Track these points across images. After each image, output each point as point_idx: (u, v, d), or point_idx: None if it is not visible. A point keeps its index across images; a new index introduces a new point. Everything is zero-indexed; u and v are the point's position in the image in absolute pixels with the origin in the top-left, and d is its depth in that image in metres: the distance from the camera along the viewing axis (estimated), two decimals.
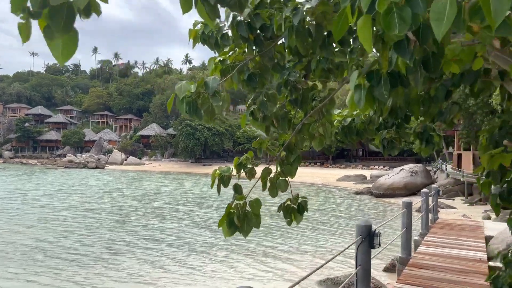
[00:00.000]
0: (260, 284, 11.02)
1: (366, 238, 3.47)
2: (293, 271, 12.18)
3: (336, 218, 23.20)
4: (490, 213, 22.99)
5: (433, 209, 9.04)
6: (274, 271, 12.17)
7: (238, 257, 13.75)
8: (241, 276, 11.74)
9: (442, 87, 2.48)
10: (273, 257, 13.85)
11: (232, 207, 2.46)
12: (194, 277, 11.66)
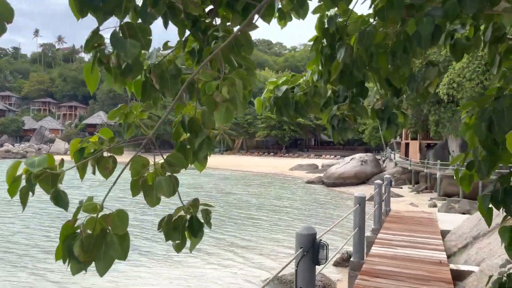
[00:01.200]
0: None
1: (309, 251, 2.57)
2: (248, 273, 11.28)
3: (290, 209, 22.65)
4: (436, 201, 23.50)
5: (386, 200, 8.47)
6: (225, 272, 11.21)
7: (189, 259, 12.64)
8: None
9: (428, 19, 1.55)
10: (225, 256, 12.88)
11: (73, 227, 1.39)
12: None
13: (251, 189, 32.09)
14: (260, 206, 23.63)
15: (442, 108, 26.72)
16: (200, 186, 34.59)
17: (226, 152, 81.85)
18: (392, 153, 40.34)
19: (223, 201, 25.44)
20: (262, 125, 75.04)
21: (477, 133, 2.03)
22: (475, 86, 21.63)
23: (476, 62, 21.23)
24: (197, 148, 1.83)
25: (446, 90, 22.73)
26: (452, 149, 28.99)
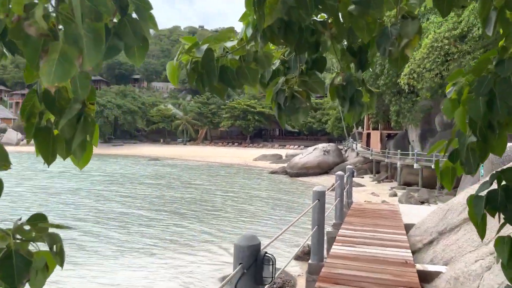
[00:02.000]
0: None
1: (251, 268, 1.96)
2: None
3: (254, 200, 22.16)
4: (396, 190, 23.79)
5: (348, 192, 8.07)
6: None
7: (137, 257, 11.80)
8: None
9: None
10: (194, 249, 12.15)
11: None
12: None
13: (214, 180, 31.38)
14: (223, 197, 23.01)
15: (403, 98, 27.03)
16: (161, 177, 33.46)
17: (189, 142, 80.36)
18: (354, 143, 40.79)
19: (185, 192, 24.60)
20: (227, 115, 74.15)
21: (472, 112, 1.49)
22: (435, 76, 21.88)
23: (436, 53, 21.44)
24: (64, 133, 1.15)
25: (407, 80, 22.90)
26: (412, 139, 29.52)
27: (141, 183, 29.20)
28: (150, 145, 76.38)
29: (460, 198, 4.95)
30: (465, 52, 21.10)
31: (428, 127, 27.46)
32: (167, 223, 15.83)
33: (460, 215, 4.65)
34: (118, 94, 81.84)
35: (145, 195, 23.52)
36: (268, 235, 13.74)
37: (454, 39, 21.25)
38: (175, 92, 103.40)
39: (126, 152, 67.38)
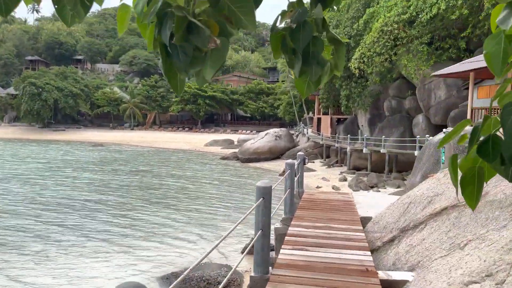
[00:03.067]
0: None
1: None
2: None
3: (204, 187, 21.17)
4: (346, 174, 23.86)
5: (299, 181, 7.40)
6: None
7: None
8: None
9: None
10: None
11: None
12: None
13: (163, 167, 29.93)
14: (172, 185, 21.82)
15: (353, 83, 27.02)
16: (106, 164, 31.45)
17: (137, 127, 77.14)
18: (305, 128, 40.81)
19: (131, 179, 23.09)
20: (176, 99, 71.71)
21: None
22: (384, 61, 21.88)
23: (386, 37, 21.38)
24: None
25: (357, 64, 22.75)
26: (361, 123, 29.79)
27: (84, 170, 27.15)
28: (95, 130, 72.38)
29: (423, 189, 4.37)
30: (413, 37, 21.21)
31: (377, 112, 27.76)
32: (111, 214, 14.54)
33: (425, 209, 4.05)
34: (58, 75, 76.36)
35: (88, 183, 21.78)
36: (219, 226, 12.91)
37: (403, 24, 21.26)
38: (122, 75, 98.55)
39: (68, 137, 63.31)
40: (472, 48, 20.68)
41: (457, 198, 4.21)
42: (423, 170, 8.46)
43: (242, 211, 14.66)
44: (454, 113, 19.80)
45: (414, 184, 8.73)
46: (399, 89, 25.46)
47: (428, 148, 8.63)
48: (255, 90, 72.41)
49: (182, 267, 8.86)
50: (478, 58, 14.39)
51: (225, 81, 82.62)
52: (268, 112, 70.36)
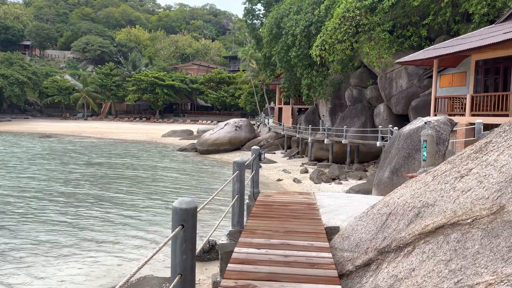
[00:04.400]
0: None
1: None
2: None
3: (157, 181, 19.65)
4: (307, 166, 23.15)
5: (253, 180, 6.29)
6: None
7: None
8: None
9: None
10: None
11: None
12: None
13: (114, 160, 27.95)
14: (123, 179, 20.12)
15: (314, 71, 26.23)
16: (57, 156, 29.00)
17: (91, 117, 73.29)
18: (266, 118, 39.88)
19: (80, 174, 21.11)
20: (133, 87, 68.63)
21: None
22: (346, 48, 21.15)
23: (347, 23, 20.62)
24: None
25: (318, 52, 21.89)
26: (323, 113, 29.20)
27: (30, 163, 24.71)
28: (45, 121, 67.95)
29: (406, 196, 3.38)
30: (375, 24, 20.58)
31: (338, 102, 27.21)
32: (59, 211, 12.86)
33: (411, 225, 3.04)
34: (4, 62, 70.79)
35: (31, 177, 19.66)
36: (168, 225, 11.62)
37: (364, 10, 20.56)
38: (74, 62, 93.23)
39: (14, 128, 58.81)
40: (433, 36, 20.36)
41: (458, 211, 3.07)
42: (392, 164, 7.60)
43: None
44: (416, 103, 19.43)
45: (382, 180, 7.88)
46: (360, 78, 24.97)
47: (397, 141, 7.78)
48: (215, 79, 70.63)
49: (119, 279, 7.55)
50: (442, 44, 13.86)
51: (184, 70, 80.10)
52: (229, 102, 68.91)
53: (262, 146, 32.85)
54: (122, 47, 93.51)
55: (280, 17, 28.31)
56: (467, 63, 14.70)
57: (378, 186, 7.86)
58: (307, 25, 24.99)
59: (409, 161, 7.23)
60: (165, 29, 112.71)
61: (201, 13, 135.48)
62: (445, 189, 3.03)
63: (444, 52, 12.25)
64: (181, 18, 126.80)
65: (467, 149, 3.41)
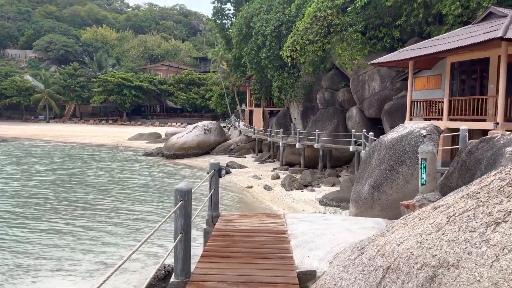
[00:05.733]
0: None
1: None
2: None
3: (116, 191, 18.15)
4: (279, 171, 22.23)
5: (211, 203, 5.20)
6: None
7: None
8: None
9: None
10: None
11: None
12: None
13: (76, 165, 26.06)
14: (78, 187, 18.49)
15: (285, 73, 25.38)
16: (15, 161, 26.79)
17: (54, 120, 69.86)
18: (236, 121, 38.78)
19: (34, 180, 19.27)
20: (99, 89, 65.87)
21: None
22: (318, 49, 20.38)
23: (319, 23, 19.86)
24: None
25: (290, 52, 21.02)
26: (294, 116, 28.42)
27: None
28: (3, 123, 64.12)
29: (411, 246, 2.39)
30: (347, 25, 19.93)
31: (310, 104, 26.49)
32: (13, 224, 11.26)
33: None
34: None
35: None
36: (124, 245, 10.32)
37: (336, 10, 19.88)
38: (36, 62, 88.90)
39: None
40: (406, 38, 19.92)
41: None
42: (372, 178, 6.70)
43: (153, 224, 12.14)
44: (389, 106, 18.90)
45: (361, 195, 6.97)
46: (332, 81, 24.32)
47: (378, 150, 6.89)
48: (185, 81, 68.89)
49: None
50: (418, 45, 13.24)
51: (153, 71, 77.83)
52: (199, 103, 67.31)
53: (232, 150, 31.73)
54: (88, 47, 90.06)
55: (250, 16, 27.34)
56: (442, 65, 14.17)
57: (356, 202, 6.96)
58: (278, 25, 24.12)
59: (392, 174, 6.35)
60: (133, 29, 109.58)
61: (171, 13, 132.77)
62: (472, 241, 2.07)
63: (421, 53, 11.58)
64: (151, 18, 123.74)
65: (492, 177, 2.45)
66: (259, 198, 16.18)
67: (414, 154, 6.17)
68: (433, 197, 4.63)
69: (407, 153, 6.26)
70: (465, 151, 6.90)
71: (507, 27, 9.33)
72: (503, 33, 8.93)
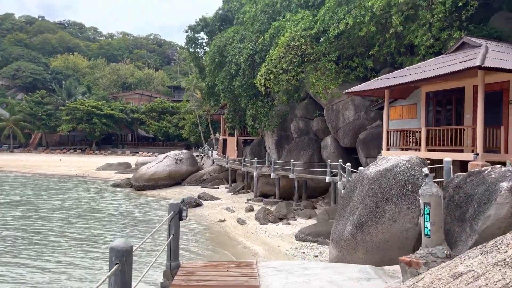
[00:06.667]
0: None
1: None
2: None
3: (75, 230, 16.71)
4: (253, 202, 21.37)
5: (170, 250, 4.35)
6: None
7: None
8: None
9: None
10: None
11: None
12: None
13: (36, 197, 24.27)
14: (40, 219, 16.95)
15: (259, 102, 24.98)
16: None
17: (18, 149, 66.76)
18: (210, 150, 37.89)
19: None
20: (67, 117, 63.78)
21: None
22: (291, 78, 20.12)
23: (293, 53, 19.69)
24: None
25: (263, 81, 20.65)
26: (269, 145, 27.87)
27: None
28: None
29: None
30: (321, 54, 19.85)
31: (284, 134, 26.06)
32: None
33: None
34: None
35: None
36: None
37: (310, 40, 19.81)
38: (3, 90, 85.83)
39: None
40: (379, 68, 19.96)
41: None
42: (355, 216, 6.02)
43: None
44: (364, 135, 18.60)
45: (343, 235, 6.26)
46: (306, 110, 24.06)
47: (360, 185, 6.26)
48: (158, 109, 67.86)
49: None
50: (393, 74, 13.05)
51: (125, 99, 76.45)
52: (172, 132, 66.15)
53: (205, 180, 30.67)
54: (57, 74, 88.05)
55: (223, 45, 27.10)
56: (417, 94, 14.01)
57: (338, 243, 6.22)
58: (251, 53, 23.89)
59: (377, 213, 5.69)
60: (106, 57, 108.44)
61: (145, 42, 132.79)
62: None
63: (397, 82, 11.31)
64: (124, 47, 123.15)
65: None
66: (232, 233, 15.21)
67: (401, 190, 5.56)
68: (441, 252, 3.92)
69: (393, 188, 5.63)
70: (452, 185, 6.36)
71: (483, 56, 9.15)
72: (481, 62, 8.71)
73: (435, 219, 4.30)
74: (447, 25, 15.32)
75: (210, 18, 33.29)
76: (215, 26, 32.82)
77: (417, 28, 15.52)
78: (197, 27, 33.49)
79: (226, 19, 32.57)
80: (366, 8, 16.78)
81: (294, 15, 21.55)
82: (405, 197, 5.56)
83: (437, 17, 14.66)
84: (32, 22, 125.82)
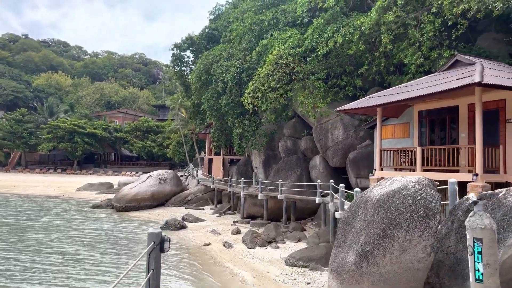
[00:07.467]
0: None
1: None
2: None
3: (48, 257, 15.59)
4: (239, 224, 20.58)
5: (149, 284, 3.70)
6: None
7: None
8: None
9: None
10: None
11: None
12: None
13: (8, 219, 22.91)
14: (8, 244, 15.76)
15: (247, 121, 24.48)
16: None
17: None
18: (195, 170, 37.00)
19: None
20: (48, 135, 62.10)
21: None
22: (279, 96, 19.73)
23: (281, 70, 19.36)
24: None
25: (251, 99, 20.21)
26: (256, 165, 27.24)
27: None
28: None
29: None
30: (309, 72, 19.59)
31: (272, 153, 25.52)
32: None
33: None
34: None
35: None
36: None
37: (298, 58, 19.56)
38: None
39: None
40: (367, 86, 19.77)
41: None
42: (359, 244, 5.42)
43: None
44: (353, 155, 18.20)
45: (345, 266, 5.63)
46: (294, 129, 23.65)
47: (363, 209, 5.68)
48: (142, 128, 66.80)
49: None
50: (385, 92, 12.71)
51: (108, 118, 75.17)
52: (156, 151, 64.99)
53: (189, 201, 29.71)
54: (39, 93, 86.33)
55: (210, 63, 26.71)
56: (409, 113, 13.70)
57: (339, 274, 5.57)
58: (239, 71, 23.52)
59: (385, 241, 5.09)
60: (91, 75, 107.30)
61: (131, 61, 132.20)
62: None
63: (391, 100, 10.94)
64: (109, 66, 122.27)
65: None
66: (218, 258, 14.37)
67: (412, 215, 4.99)
68: None
69: (403, 214, 5.05)
70: (461, 209, 5.83)
71: (481, 73, 8.84)
72: (480, 78, 8.38)
73: (490, 259, 3.35)
74: (437, 44, 15.22)
75: (197, 36, 33.01)
76: (201, 45, 32.52)
77: (406, 47, 15.37)
78: (183, 45, 33.13)
79: (213, 37, 32.34)
80: (355, 27, 16.63)
81: (282, 33, 21.36)
82: (417, 223, 4.98)
83: (427, 36, 14.54)
84: (16, 40, 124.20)
